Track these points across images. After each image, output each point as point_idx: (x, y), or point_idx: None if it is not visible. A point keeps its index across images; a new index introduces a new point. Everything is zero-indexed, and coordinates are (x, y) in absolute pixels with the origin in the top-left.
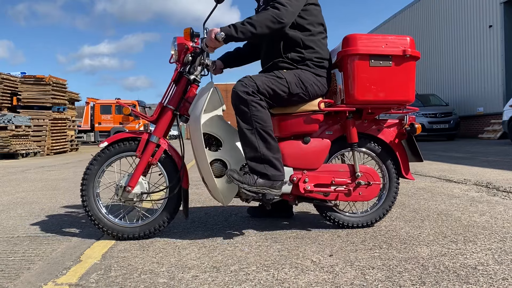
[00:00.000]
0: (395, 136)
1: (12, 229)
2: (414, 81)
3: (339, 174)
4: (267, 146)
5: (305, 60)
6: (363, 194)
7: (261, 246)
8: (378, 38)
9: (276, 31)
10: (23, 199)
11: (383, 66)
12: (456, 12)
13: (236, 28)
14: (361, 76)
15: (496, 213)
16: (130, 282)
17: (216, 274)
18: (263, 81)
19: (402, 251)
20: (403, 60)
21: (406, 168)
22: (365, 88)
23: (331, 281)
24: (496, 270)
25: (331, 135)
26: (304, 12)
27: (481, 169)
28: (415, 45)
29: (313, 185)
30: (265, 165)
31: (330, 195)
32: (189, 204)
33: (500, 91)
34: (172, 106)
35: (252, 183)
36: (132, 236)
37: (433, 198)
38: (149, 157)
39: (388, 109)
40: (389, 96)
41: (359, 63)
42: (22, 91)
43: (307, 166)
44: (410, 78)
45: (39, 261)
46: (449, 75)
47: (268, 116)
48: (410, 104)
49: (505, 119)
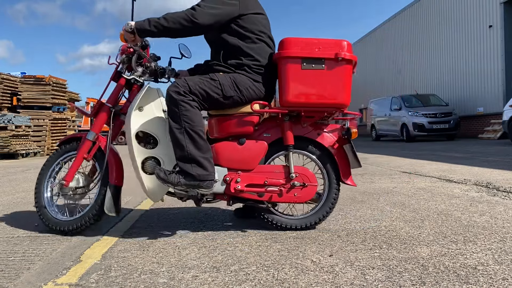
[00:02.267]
0: (335, 141)
1: (12, 229)
2: (349, 85)
3: (273, 175)
4: (195, 145)
5: (243, 66)
6: (298, 196)
7: (261, 246)
8: (313, 41)
9: (189, 29)
10: (23, 199)
11: (316, 69)
12: (456, 12)
13: (150, 22)
14: (293, 79)
15: (496, 213)
16: (130, 282)
17: (216, 274)
18: (196, 82)
19: (402, 251)
20: (337, 64)
21: (345, 173)
22: (297, 91)
23: (331, 281)
24: (496, 270)
25: (269, 137)
26: (243, 21)
27: (481, 169)
28: (351, 49)
29: (244, 185)
30: (192, 165)
31: (264, 196)
32: (190, 203)
33: (500, 91)
34: (110, 104)
35: (176, 182)
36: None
37: (433, 198)
38: (84, 153)
39: (323, 112)
40: (322, 99)
41: (291, 66)
42: (22, 91)
43: (242, 166)
44: (344, 81)
45: (39, 261)
46: (449, 75)
47: (198, 116)
48: (347, 108)
49: (505, 119)
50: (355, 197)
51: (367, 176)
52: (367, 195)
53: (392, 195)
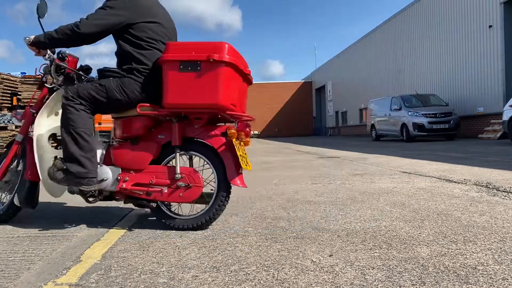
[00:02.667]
0: (223, 143)
1: (12, 229)
2: (224, 86)
3: (161, 175)
4: (77, 145)
5: (132, 70)
6: (183, 195)
7: (261, 246)
8: (191, 45)
9: (74, 39)
10: None
11: (192, 71)
12: (456, 12)
13: (45, 34)
14: (171, 81)
15: (496, 213)
16: (130, 282)
17: (216, 274)
18: (85, 87)
19: (402, 251)
20: (211, 66)
21: (232, 174)
22: (175, 92)
23: (331, 281)
24: (496, 270)
25: (163, 138)
26: (133, 29)
27: (481, 169)
28: (233, 51)
29: (131, 184)
30: (73, 163)
31: (152, 195)
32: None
33: (500, 91)
34: (34, 110)
35: (59, 179)
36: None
37: (433, 198)
38: (13, 153)
39: (203, 113)
40: (198, 100)
41: (170, 69)
42: (22, 91)
43: (132, 166)
44: (218, 83)
45: (39, 261)
46: (449, 75)
47: (82, 118)
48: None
49: (505, 119)
50: (355, 197)
51: (367, 176)
52: (367, 195)
53: (392, 195)
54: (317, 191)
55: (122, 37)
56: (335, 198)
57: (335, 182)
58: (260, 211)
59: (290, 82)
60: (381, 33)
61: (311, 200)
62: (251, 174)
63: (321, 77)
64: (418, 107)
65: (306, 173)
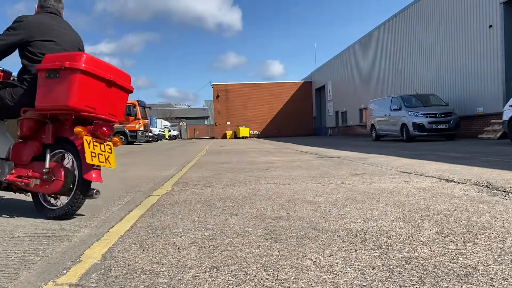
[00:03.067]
0: (80, 141)
1: (12, 229)
2: (77, 90)
3: (36, 169)
4: None
5: (23, 80)
6: (49, 188)
7: (261, 246)
8: (58, 56)
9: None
10: (23, 199)
11: (54, 78)
12: (456, 12)
13: None
14: (40, 87)
15: (496, 213)
16: (130, 282)
17: (216, 274)
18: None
19: (402, 251)
20: (65, 73)
21: (85, 169)
22: (41, 97)
23: (331, 281)
24: (496, 270)
25: (44, 138)
26: (30, 46)
27: (481, 169)
28: (90, 60)
29: (14, 176)
30: None
31: (30, 186)
32: (190, 204)
33: (500, 91)
34: None
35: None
36: None
37: (433, 198)
38: None
39: (64, 114)
40: (55, 102)
41: (40, 76)
42: None
43: (20, 161)
44: (70, 87)
45: (39, 261)
46: (449, 75)
47: None
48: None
49: (505, 119)
50: (355, 197)
51: (367, 176)
52: (367, 195)
53: (392, 195)
54: (317, 191)
55: (22, 53)
56: (335, 198)
57: (335, 182)
58: (260, 211)
59: (290, 82)
60: (381, 33)
61: (311, 200)
62: (251, 174)
63: (321, 77)
64: (418, 107)
65: (306, 173)
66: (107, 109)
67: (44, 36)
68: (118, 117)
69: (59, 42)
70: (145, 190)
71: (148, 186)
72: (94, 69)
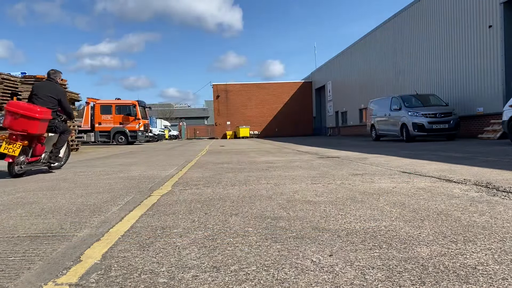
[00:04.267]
0: None
1: (12, 229)
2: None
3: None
4: None
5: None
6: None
7: (261, 246)
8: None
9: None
10: (23, 199)
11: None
12: (456, 12)
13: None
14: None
15: (496, 213)
16: (130, 282)
17: (216, 274)
18: None
19: (402, 251)
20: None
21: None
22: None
23: (331, 281)
24: (496, 270)
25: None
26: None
27: (481, 169)
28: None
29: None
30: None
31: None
32: (190, 204)
33: (500, 91)
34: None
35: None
36: None
37: (433, 198)
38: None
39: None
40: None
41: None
42: (23, 91)
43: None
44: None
45: (39, 261)
46: (449, 75)
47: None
48: None
49: (505, 119)
50: (355, 197)
51: (367, 176)
52: (367, 195)
53: (392, 195)
54: (317, 191)
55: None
56: (335, 198)
57: (335, 182)
58: (260, 211)
59: (290, 82)
60: (381, 33)
61: (311, 200)
62: (251, 174)
63: (321, 77)
64: (418, 107)
65: (306, 173)
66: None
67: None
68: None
69: (38, 95)
70: (145, 190)
71: (148, 186)
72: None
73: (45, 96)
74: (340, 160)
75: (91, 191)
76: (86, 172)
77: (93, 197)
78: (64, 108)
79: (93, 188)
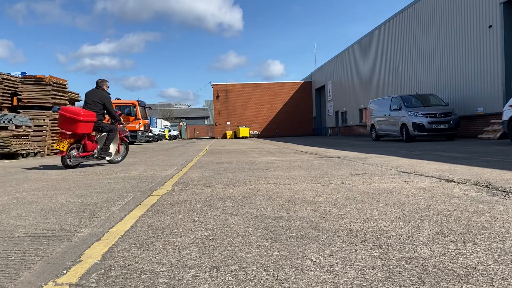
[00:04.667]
0: None
1: (12, 229)
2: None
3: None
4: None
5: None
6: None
7: (261, 246)
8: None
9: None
10: (23, 199)
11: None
12: (456, 12)
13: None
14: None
15: (496, 213)
16: (130, 282)
17: (216, 274)
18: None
19: (402, 251)
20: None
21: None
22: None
23: (331, 281)
24: (496, 270)
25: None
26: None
27: (481, 169)
28: (63, 110)
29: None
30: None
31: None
32: (190, 204)
33: (500, 91)
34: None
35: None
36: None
37: (433, 198)
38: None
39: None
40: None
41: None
42: (23, 91)
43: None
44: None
45: (39, 261)
46: (449, 75)
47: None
48: None
49: (505, 119)
50: (355, 197)
51: (367, 176)
52: (367, 195)
53: (392, 195)
54: (317, 191)
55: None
56: (335, 198)
57: (335, 182)
58: (260, 211)
59: (290, 82)
60: (381, 33)
61: (311, 200)
62: (251, 174)
63: (321, 77)
64: (418, 107)
65: (306, 173)
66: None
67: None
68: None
69: (87, 101)
70: (145, 190)
71: (148, 186)
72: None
73: (92, 102)
74: (340, 160)
75: (91, 191)
76: (86, 172)
77: (93, 197)
78: (108, 111)
79: (93, 188)
